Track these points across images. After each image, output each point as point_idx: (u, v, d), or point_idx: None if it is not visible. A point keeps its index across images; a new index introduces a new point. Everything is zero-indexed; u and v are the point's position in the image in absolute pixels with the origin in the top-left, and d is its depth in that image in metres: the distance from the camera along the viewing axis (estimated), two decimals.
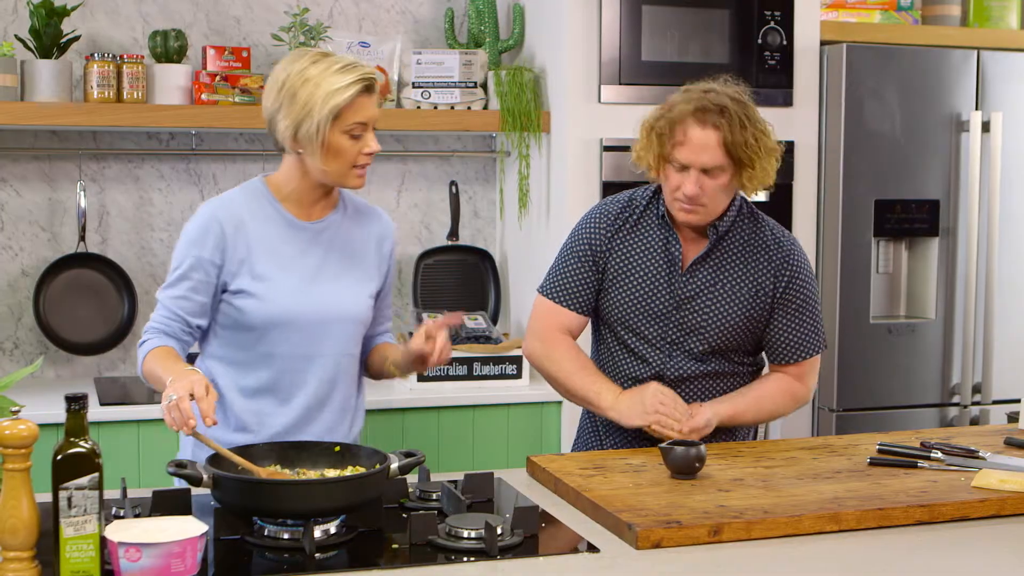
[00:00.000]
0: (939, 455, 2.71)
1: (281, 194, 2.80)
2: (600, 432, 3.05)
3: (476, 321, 4.19)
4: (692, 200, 2.83)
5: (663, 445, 2.60)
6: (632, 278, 2.95)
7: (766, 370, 3.08)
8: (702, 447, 2.58)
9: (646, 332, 2.94)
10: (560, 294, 3.01)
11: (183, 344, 2.72)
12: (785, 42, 4.29)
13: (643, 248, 2.96)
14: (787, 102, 4.31)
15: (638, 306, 2.94)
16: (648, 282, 2.94)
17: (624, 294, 2.95)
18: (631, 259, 2.96)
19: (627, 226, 2.98)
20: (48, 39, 3.97)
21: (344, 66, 2.68)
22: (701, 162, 2.80)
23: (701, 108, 2.80)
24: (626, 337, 2.97)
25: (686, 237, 2.95)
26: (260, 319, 2.73)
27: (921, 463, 2.66)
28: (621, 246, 2.97)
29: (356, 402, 2.90)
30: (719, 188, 2.83)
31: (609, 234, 2.98)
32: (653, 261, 2.94)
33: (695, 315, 2.91)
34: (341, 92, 2.65)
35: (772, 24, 4.27)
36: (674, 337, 2.93)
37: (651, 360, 2.94)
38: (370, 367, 2.96)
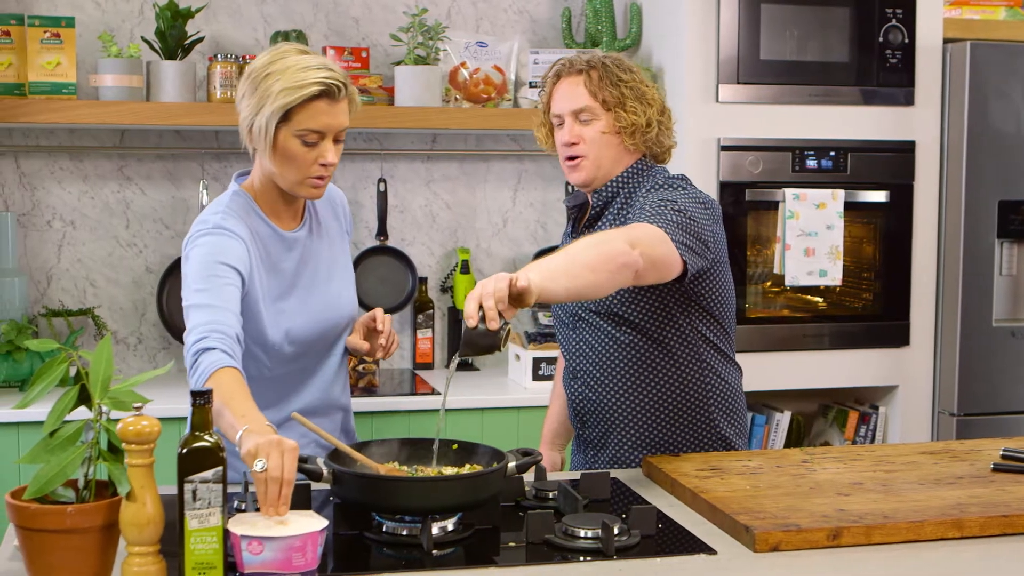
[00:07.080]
0: None
1: (260, 202, 2.68)
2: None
3: None
4: (570, 148, 2.82)
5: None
6: None
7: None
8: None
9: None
10: None
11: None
12: (907, 40, 4.22)
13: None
14: (908, 101, 4.24)
15: None
16: None
17: None
18: None
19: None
20: (173, 41, 4.05)
21: (308, 66, 2.55)
22: (571, 107, 2.82)
23: (566, 62, 2.87)
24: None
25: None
26: (274, 340, 2.65)
27: None
28: None
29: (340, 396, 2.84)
30: (596, 136, 2.80)
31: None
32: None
33: None
34: (293, 92, 2.52)
35: (894, 22, 4.21)
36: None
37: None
38: None
